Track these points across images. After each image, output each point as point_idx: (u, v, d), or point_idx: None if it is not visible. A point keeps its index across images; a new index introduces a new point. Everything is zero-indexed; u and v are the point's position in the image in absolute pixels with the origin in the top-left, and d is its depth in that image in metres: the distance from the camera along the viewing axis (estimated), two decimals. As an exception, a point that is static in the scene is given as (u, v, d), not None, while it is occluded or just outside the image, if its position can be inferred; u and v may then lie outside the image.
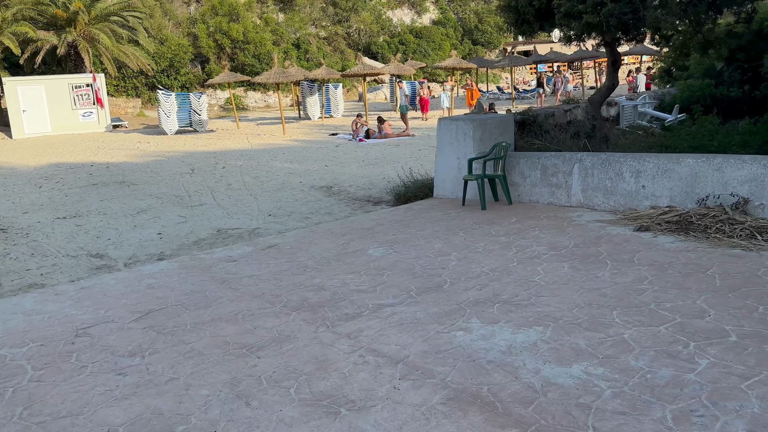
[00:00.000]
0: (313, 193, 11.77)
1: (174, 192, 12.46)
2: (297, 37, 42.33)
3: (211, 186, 13.01)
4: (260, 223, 9.16)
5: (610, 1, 6.40)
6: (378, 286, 4.96)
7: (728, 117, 10.91)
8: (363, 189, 11.75)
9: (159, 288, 5.54)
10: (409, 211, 8.05)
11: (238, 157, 17.32)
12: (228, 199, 11.44)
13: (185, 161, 17.06)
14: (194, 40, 36.85)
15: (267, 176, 13.93)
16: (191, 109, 25.28)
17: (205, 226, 9.08)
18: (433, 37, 47.78)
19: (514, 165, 7.75)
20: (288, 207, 10.41)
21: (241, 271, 5.88)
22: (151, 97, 35.03)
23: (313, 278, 5.36)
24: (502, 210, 7.43)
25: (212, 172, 14.85)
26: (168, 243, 8.13)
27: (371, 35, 46.96)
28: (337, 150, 17.97)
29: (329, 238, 6.95)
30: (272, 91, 38.71)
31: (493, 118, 8.46)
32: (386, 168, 14.18)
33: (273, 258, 6.27)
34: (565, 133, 8.69)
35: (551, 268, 4.97)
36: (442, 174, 8.77)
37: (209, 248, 7.68)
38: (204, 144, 21.03)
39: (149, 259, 7.42)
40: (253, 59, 36.75)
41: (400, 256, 5.80)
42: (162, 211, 10.50)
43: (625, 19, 6.43)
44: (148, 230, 9.07)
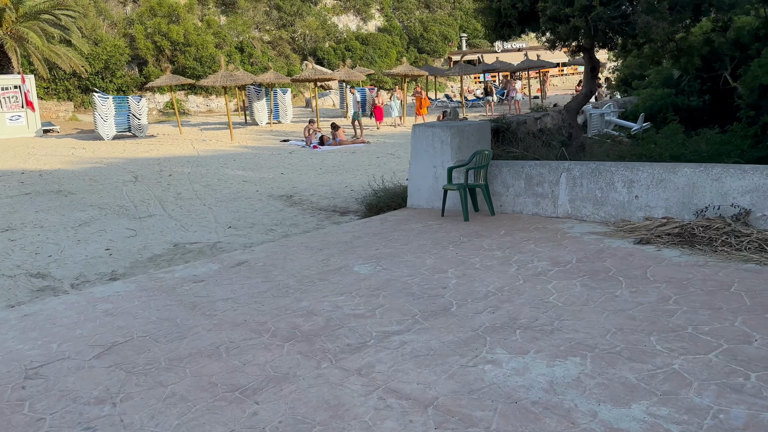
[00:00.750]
0: (272, 202, 11.12)
1: (118, 202, 11.53)
2: (240, 41, 41.23)
3: (158, 195, 12.14)
4: (221, 236, 8.47)
5: (599, 5, 6.17)
6: (376, 309, 4.45)
7: (689, 126, 11.00)
8: (326, 198, 11.19)
9: (118, 315, 4.84)
10: (385, 223, 7.57)
11: (185, 164, 16.40)
12: (179, 210, 10.64)
13: (127, 168, 16.01)
14: (131, 41, 35.25)
15: (219, 184, 13.15)
16: (130, 113, 23.98)
17: (158, 240, 8.30)
18: (380, 44, 47.62)
19: (496, 174, 7.41)
20: (248, 218, 9.73)
21: (212, 293, 5.24)
22: (84, 101, 33.21)
23: (299, 301, 4.80)
24: (486, 221, 7.06)
25: (158, 180, 13.93)
26: (119, 260, 7.34)
27: (317, 40, 46.33)
28: (291, 157, 17.31)
29: (305, 253, 6.38)
30: (215, 95, 37.49)
31: (470, 125, 8.10)
32: (346, 176, 13.67)
33: (246, 277, 5.65)
34: (539, 141, 8.44)
35: (563, 287, 4.59)
36: (417, 183, 8.35)
37: (168, 266, 6.96)
38: (145, 150, 19.91)
39: (100, 279, 6.64)
40: (194, 62, 35.48)
41: (391, 273, 5.31)
42: (107, 224, 9.62)
43: (614, 23, 6.20)
44: (94, 245, 8.22)
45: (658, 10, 5.93)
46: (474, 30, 54.48)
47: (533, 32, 7.57)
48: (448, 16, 53.38)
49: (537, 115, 9.61)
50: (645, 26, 5.96)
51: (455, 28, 52.92)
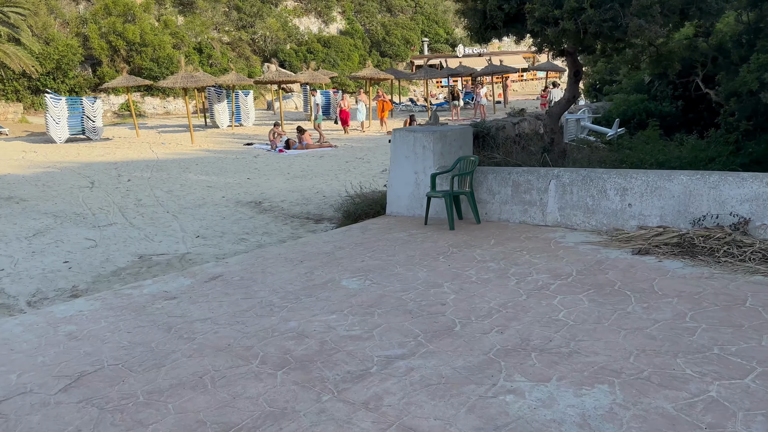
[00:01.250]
0: (240, 209, 10.64)
1: (74, 209, 10.87)
2: (198, 42, 40.25)
3: (117, 202, 11.51)
4: (189, 247, 7.98)
5: (590, 7, 5.99)
6: (373, 330, 4.10)
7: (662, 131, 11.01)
8: (297, 205, 10.77)
9: (85, 339, 4.37)
10: (366, 232, 7.23)
11: (144, 169, 15.71)
12: (141, 218, 10.07)
13: (82, 173, 15.23)
14: (85, 41, 33.94)
15: (182, 190, 12.58)
16: (84, 115, 22.98)
17: (121, 252, 7.76)
18: (342, 47, 47.24)
19: (481, 181, 7.15)
20: (216, 226, 9.25)
21: (187, 312, 4.80)
22: (35, 102, 31.79)
23: (287, 321, 4.41)
24: (473, 230, 6.79)
25: (116, 186, 13.26)
26: (80, 274, 6.78)
27: (278, 42, 45.63)
28: (257, 161, 16.78)
29: (284, 265, 5.98)
30: (173, 96, 36.46)
31: (452, 130, 7.83)
32: (316, 181, 13.26)
33: (223, 293, 5.23)
34: (519, 147, 8.23)
35: (569, 303, 4.34)
36: (397, 190, 8.03)
37: (134, 280, 6.45)
38: (101, 153, 19.07)
39: (60, 295, 6.09)
40: (151, 63, 34.39)
41: (382, 288, 4.97)
42: (63, 233, 9.00)
43: (605, 26, 6.03)
44: (51, 257, 7.62)
45: (650, 13, 5.79)
46: (435, 35, 54.68)
47: (517, 35, 7.35)
48: (410, 21, 53.40)
49: (515, 120, 9.42)
50: (637, 29, 5.80)
51: (417, 32, 52.98)
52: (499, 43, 61.15)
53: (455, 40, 55.87)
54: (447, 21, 55.92)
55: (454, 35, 56.23)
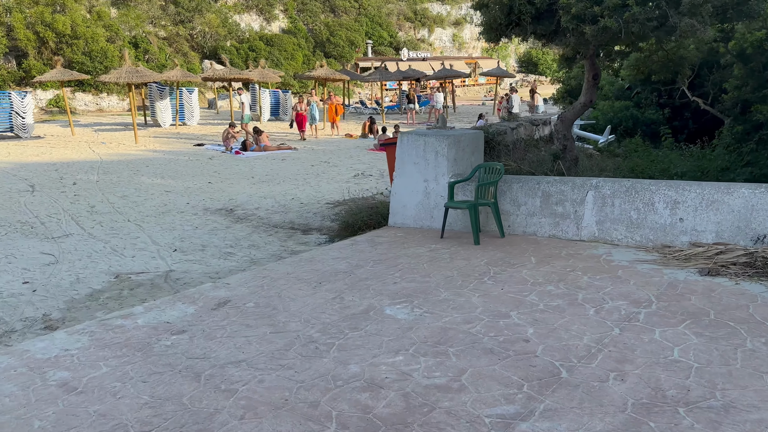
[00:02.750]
0: (211, 217, 9.64)
1: (18, 217, 9.55)
2: (134, 36, 38.10)
3: (67, 208, 10.24)
4: (170, 263, 6.97)
5: (635, 5, 5.51)
6: (460, 377, 3.39)
7: (648, 139, 10.82)
8: (276, 213, 9.87)
9: (89, 392, 3.44)
10: (376, 246, 6.48)
11: (89, 171, 14.29)
12: (101, 228, 8.91)
13: (18, 175, 13.68)
14: (8, 31, 31.34)
15: (138, 195, 11.39)
16: (12, 111, 20.99)
17: (91, 270, 6.67)
18: (285, 46, 46.03)
19: (504, 191, 6.55)
20: (192, 238, 8.24)
21: (210, 351, 3.93)
22: (-50, 95, 29.04)
23: (345, 364, 3.62)
24: (501, 245, 6.17)
25: (60, 190, 11.90)
26: (48, 298, 5.69)
27: (217, 39, 43.90)
28: (213, 163, 15.64)
29: (301, 287, 5.17)
30: (106, 93, 34.30)
31: (465, 134, 7.21)
32: (286, 187, 12.35)
33: (244, 325, 4.37)
34: (530, 153, 7.72)
35: (674, 338, 3.77)
36: (403, 199, 7.33)
37: (119, 306, 5.46)
38: (35, 153, 17.35)
39: (30, 327, 5.02)
40: (83, 56, 32.17)
41: (438, 319, 4.25)
42: (12, 246, 7.77)
43: (650, 24, 5.57)
44: (5, 276, 6.45)
45: (701, 13, 5.38)
46: (379, 37, 54.25)
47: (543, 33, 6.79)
48: (354, 22, 52.71)
49: (513, 126, 8.93)
50: (689, 29, 5.38)
51: (361, 33, 52.37)
52: (441, 48, 61.52)
53: (399, 43, 55.67)
54: (391, 24, 55.65)
55: (397, 38, 56.03)
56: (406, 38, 56.48)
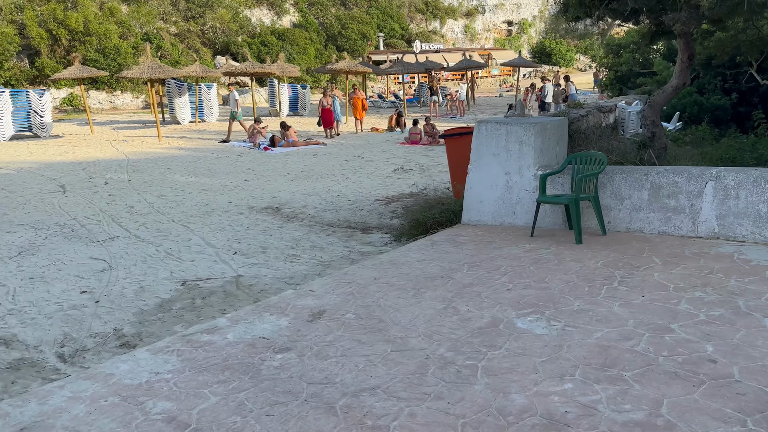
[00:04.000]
0: (259, 216, 9.11)
1: (55, 219, 9.05)
2: (145, 32, 37.58)
3: (104, 209, 9.73)
4: (235, 267, 6.44)
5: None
6: (660, 410, 2.83)
7: (714, 126, 10.21)
8: (326, 211, 9.32)
9: (206, 430, 2.91)
10: (461, 247, 5.92)
11: (117, 170, 13.79)
12: (146, 229, 8.40)
13: (45, 175, 13.19)
14: (21, 29, 30.85)
15: (175, 195, 10.87)
16: (31, 110, 20.50)
17: (152, 276, 6.14)
18: (297, 40, 45.42)
19: (604, 183, 5.98)
20: (247, 239, 7.72)
21: (331, 375, 3.39)
22: (-36, 95, 28.60)
23: (503, 392, 3.08)
24: (607, 243, 5.60)
25: (93, 190, 11.39)
26: (116, 311, 5.16)
27: (229, 34, 43.31)
28: (244, 160, 15.10)
29: (400, 295, 4.62)
30: (120, 90, 33.83)
31: (551, 122, 6.64)
32: (326, 182, 11.80)
33: (354, 341, 3.84)
34: (614, 142, 7.13)
35: None
36: (479, 194, 6.76)
37: (196, 318, 4.93)
38: (58, 153, 16.86)
39: (103, 344, 4.50)
40: (96, 54, 31.64)
41: (589, 334, 3.70)
42: (58, 251, 7.26)
43: None
44: (59, 285, 5.93)
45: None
46: (391, 30, 53.56)
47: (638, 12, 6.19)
48: (365, 14, 52.00)
49: (582, 113, 8.35)
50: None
51: (373, 26, 51.67)
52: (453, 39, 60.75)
53: (411, 35, 54.96)
54: (402, 16, 54.93)
55: (409, 31, 55.32)
56: (417, 30, 55.77)
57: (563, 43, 59.70)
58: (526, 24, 61.56)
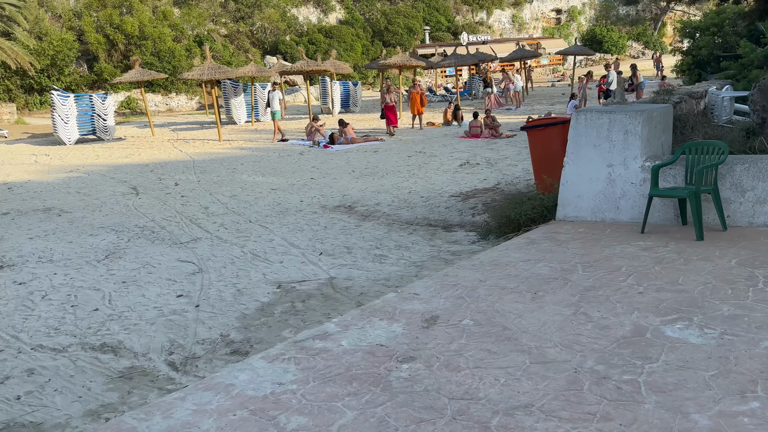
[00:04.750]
0: (335, 215, 8.94)
1: (135, 222, 9.09)
2: (196, 34, 38.15)
3: (180, 210, 9.74)
4: (325, 268, 6.27)
5: None
6: None
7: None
8: (401, 209, 9.09)
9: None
10: (563, 245, 5.58)
11: (184, 170, 13.89)
12: (225, 230, 8.34)
13: (115, 177, 13.38)
14: (79, 35, 31.67)
15: (246, 195, 10.83)
16: (94, 114, 20.96)
17: (246, 279, 6.02)
18: (344, 37, 45.40)
19: (723, 174, 5.55)
20: (328, 239, 7.55)
21: (471, 388, 3.14)
22: (29, 102, 29.61)
23: (682, 413, 2.76)
24: (733, 239, 5.18)
25: (165, 192, 11.46)
26: (218, 315, 5.04)
27: (277, 33, 43.58)
28: (306, 158, 15.02)
29: (516, 298, 4.34)
30: (175, 93, 34.41)
31: (657, 109, 6.23)
32: (394, 179, 11.56)
33: (483, 350, 3.59)
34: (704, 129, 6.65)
35: None
36: (577, 188, 6.40)
37: (302, 324, 4.76)
38: (124, 155, 17.16)
39: (214, 352, 4.37)
40: (152, 57, 32.23)
41: (755, 344, 3.34)
42: (144, 254, 7.24)
43: None
44: (155, 289, 5.87)
45: None
46: (437, 23, 53.01)
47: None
48: (411, 8, 51.57)
49: (675, 100, 7.86)
50: None
51: (419, 20, 51.20)
52: (500, 30, 59.71)
53: (457, 27, 54.27)
54: (448, 8, 54.28)
55: (455, 23, 54.64)
56: (464, 22, 55.04)
57: (614, 29, 57.98)
58: (575, 12, 60.02)
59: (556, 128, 7.84)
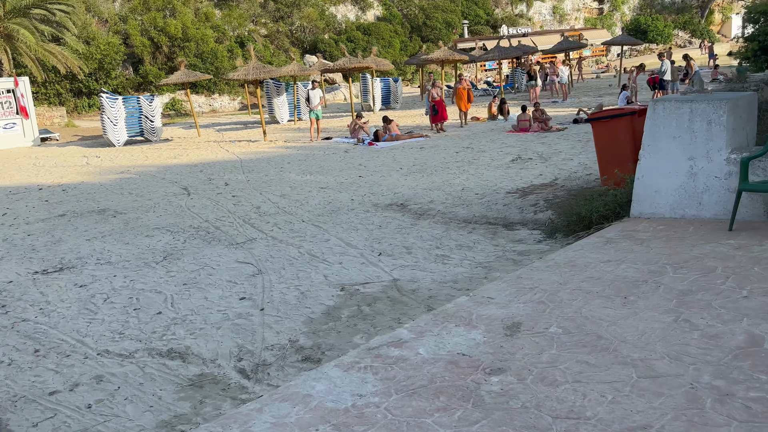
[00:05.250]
0: (388, 214, 8.72)
1: (189, 222, 9.04)
2: (237, 35, 38.46)
3: (232, 210, 9.66)
4: (385, 269, 6.04)
5: None
6: None
7: None
8: (456, 206, 8.81)
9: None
10: (647, 244, 5.23)
11: (233, 170, 13.88)
12: (279, 230, 8.20)
13: (166, 178, 13.45)
14: (125, 38, 32.25)
15: (297, 194, 10.69)
16: (142, 115, 21.25)
17: (307, 281, 5.85)
18: (382, 34, 45.15)
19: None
20: (385, 239, 7.32)
21: (576, 406, 2.88)
22: (78, 105, 30.30)
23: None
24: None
25: (216, 191, 11.42)
26: (284, 319, 4.88)
27: (316, 32, 43.61)
28: (352, 156, 14.85)
29: (604, 304, 4.03)
30: (218, 93, 34.76)
31: (742, 97, 5.81)
32: (444, 176, 11.28)
33: (580, 362, 3.31)
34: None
35: None
36: (655, 182, 6.01)
37: (374, 329, 4.55)
38: (172, 156, 17.30)
39: (284, 359, 4.19)
40: (195, 58, 32.60)
41: None
42: (202, 255, 7.14)
43: None
44: (216, 291, 5.75)
45: None
46: (476, 16, 52.32)
47: None
48: (449, 2, 50.97)
49: (753, 88, 7.38)
50: None
51: (457, 14, 50.59)
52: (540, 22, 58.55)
53: (496, 20, 53.46)
54: (487, 1, 53.50)
55: (494, 16, 53.84)
56: (503, 15, 54.19)
57: (660, 18, 56.29)
58: (618, 1, 58.42)
59: (624, 119, 7.45)
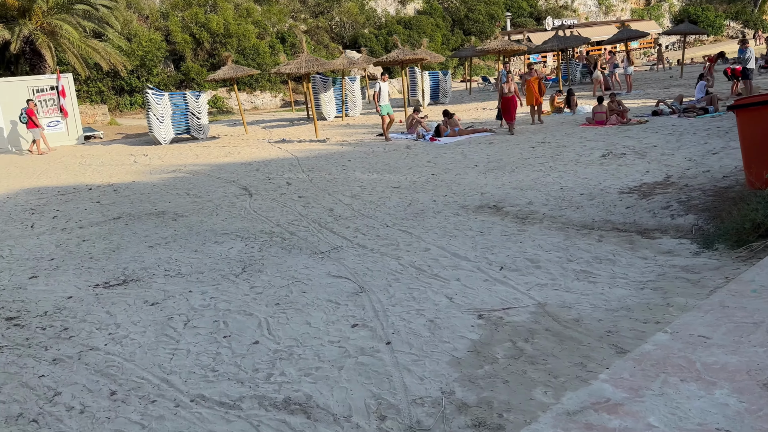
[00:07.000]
0: (484, 218, 7.65)
1: (259, 227, 8.12)
2: (277, 30, 37.75)
3: (304, 214, 8.72)
4: (520, 289, 4.98)
5: None
6: None
7: None
8: (564, 209, 7.70)
9: None
10: None
11: (291, 169, 12.95)
12: (364, 236, 7.21)
13: (222, 177, 12.60)
14: (166, 35, 31.76)
15: (369, 194, 9.70)
16: (188, 112, 20.54)
17: (428, 304, 4.81)
18: (424, 28, 44.00)
19: None
20: (496, 248, 6.26)
21: None
22: (119, 103, 29.88)
23: None
24: None
25: (279, 192, 10.51)
26: (422, 359, 3.84)
27: (356, 27, 42.67)
28: (415, 153, 13.80)
29: None
30: (260, 90, 34.08)
31: None
32: (530, 173, 10.15)
33: None
34: None
35: None
36: None
37: (553, 378, 3.49)
38: (223, 154, 16.49)
39: (443, 420, 3.16)
40: (237, 54, 31.93)
41: None
42: (286, 267, 6.18)
43: None
44: (318, 315, 4.76)
45: None
46: (519, 8, 50.78)
47: None
48: (492, -6, 49.50)
49: None
50: None
51: (500, 6, 49.12)
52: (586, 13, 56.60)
53: (540, 12, 51.81)
54: (531, -7, 51.87)
55: (538, 8, 52.19)
56: (547, 6, 52.53)
57: (710, 8, 53.91)
58: (667, -9, 56.22)
59: (783, 106, 6.26)
